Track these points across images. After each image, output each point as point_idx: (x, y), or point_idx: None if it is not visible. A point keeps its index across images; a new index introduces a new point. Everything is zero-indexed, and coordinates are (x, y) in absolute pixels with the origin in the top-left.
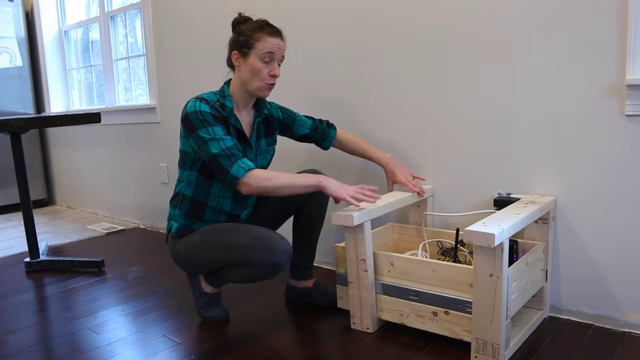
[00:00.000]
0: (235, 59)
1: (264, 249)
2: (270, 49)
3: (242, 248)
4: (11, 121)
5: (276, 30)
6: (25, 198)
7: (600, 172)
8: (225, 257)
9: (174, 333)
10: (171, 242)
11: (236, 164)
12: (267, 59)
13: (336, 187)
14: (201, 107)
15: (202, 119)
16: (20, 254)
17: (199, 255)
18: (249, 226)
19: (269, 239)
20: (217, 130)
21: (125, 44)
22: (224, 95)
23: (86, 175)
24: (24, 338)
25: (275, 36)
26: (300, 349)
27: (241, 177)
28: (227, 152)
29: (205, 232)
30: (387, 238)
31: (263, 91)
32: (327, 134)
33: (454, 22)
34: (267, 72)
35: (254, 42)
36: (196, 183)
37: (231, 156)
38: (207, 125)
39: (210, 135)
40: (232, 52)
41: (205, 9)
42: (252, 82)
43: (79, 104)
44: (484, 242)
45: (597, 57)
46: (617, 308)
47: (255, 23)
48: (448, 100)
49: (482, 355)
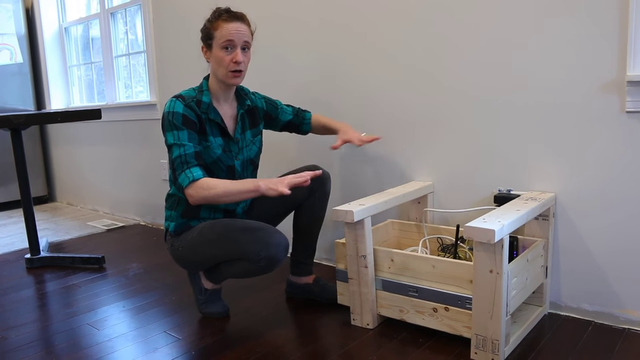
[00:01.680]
0: (203, 53)
1: (259, 243)
2: (229, 36)
3: (238, 242)
4: (11, 117)
5: (234, 16)
6: (26, 195)
7: (601, 169)
8: (222, 252)
9: (174, 329)
10: (170, 240)
11: (184, 172)
12: (228, 46)
13: (269, 188)
14: (174, 108)
15: (171, 122)
16: (20, 250)
17: (196, 252)
18: (245, 221)
19: (264, 232)
20: (181, 135)
21: (126, 41)
22: (201, 90)
23: (87, 172)
24: (24, 334)
25: (232, 21)
26: (301, 345)
27: (185, 186)
28: (183, 159)
29: (202, 228)
30: (387, 234)
31: (230, 79)
32: (304, 117)
33: (453, 19)
34: (229, 60)
35: (213, 32)
36: None
37: (185, 164)
38: (174, 129)
39: (174, 140)
40: (201, 47)
41: (205, 5)
42: (218, 71)
43: (79, 101)
44: (484, 239)
45: (598, 53)
46: (617, 304)
47: (213, 13)
48: (448, 97)
49: (482, 351)
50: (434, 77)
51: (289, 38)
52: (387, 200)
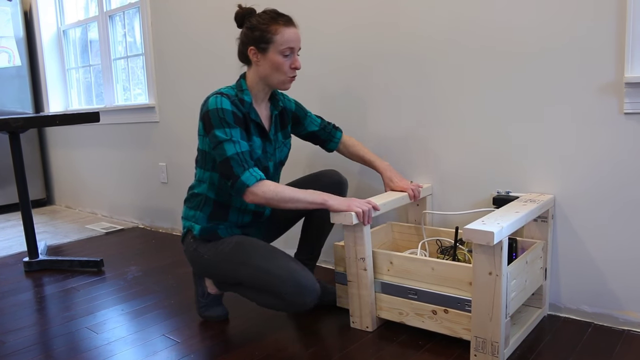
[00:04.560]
0: (252, 55)
1: (297, 288)
2: (291, 42)
3: (276, 279)
4: (10, 121)
5: (289, 20)
6: (24, 198)
7: (599, 170)
8: (253, 280)
9: (173, 332)
10: (192, 243)
11: (248, 171)
12: (288, 52)
13: (340, 205)
14: (222, 104)
15: (222, 118)
16: (19, 253)
17: (225, 268)
18: (284, 255)
19: (304, 277)
20: (234, 133)
21: (124, 44)
22: (241, 89)
23: (85, 175)
24: (23, 337)
25: (290, 26)
26: (300, 348)
27: (251, 185)
28: (241, 157)
29: (237, 246)
30: (386, 237)
31: (286, 84)
32: (333, 135)
33: (454, 23)
34: (288, 66)
35: (271, 35)
36: (219, 185)
37: (244, 162)
38: (226, 126)
39: (227, 137)
40: (249, 48)
41: (204, 8)
42: (273, 76)
43: (78, 104)
44: (483, 241)
45: (596, 55)
46: (617, 306)
47: (266, 15)
48: (447, 99)
49: (481, 354)
50: (433, 79)
51: None
52: (386, 203)
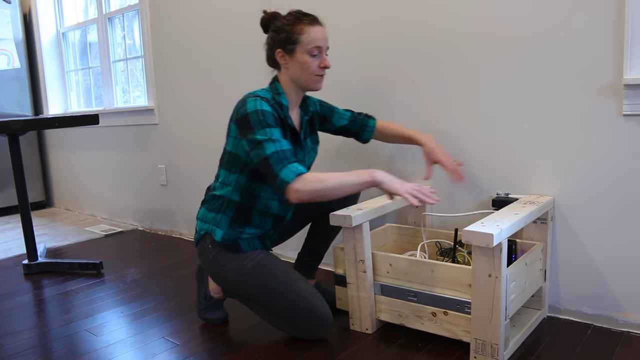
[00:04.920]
0: (280, 57)
1: (314, 321)
2: (317, 41)
3: (294, 309)
4: (9, 123)
5: (314, 18)
6: (24, 200)
7: (598, 172)
8: (271, 305)
9: (173, 335)
10: (211, 250)
11: (287, 167)
12: (316, 52)
13: (392, 182)
14: (262, 106)
15: (262, 120)
16: (18, 256)
17: (243, 285)
18: (305, 285)
19: (322, 311)
20: (274, 132)
21: (123, 46)
22: (278, 92)
23: (84, 177)
24: (22, 340)
25: (316, 25)
26: (300, 350)
27: (291, 181)
28: (280, 155)
29: (258, 266)
30: (385, 239)
31: (315, 84)
32: (366, 124)
33: (453, 23)
34: (317, 65)
35: (297, 36)
36: (245, 187)
37: (284, 159)
38: (266, 126)
39: (267, 137)
40: (276, 51)
41: (203, 10)
42: (303, 77)
43: (77, 106)
44: (483, 242)
45: (595, 56)
46: (616, 308)
47: (291, 16)
48: (446, 100)
49: (481, 356)
50: (432, 82)
51: None
52: (385, 205)
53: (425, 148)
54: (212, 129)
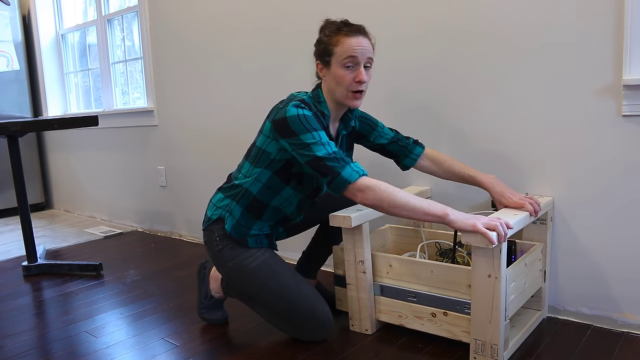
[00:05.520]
0: (319, 70)
1: (315, 325)
2: (351, 52)
3: (297, 312)
4: (8, 125)
5: (356, 29)
6: (23, 202)
7: (598, 173)
8: (272, 305)
9: (172, 336)
10: (217, 242)
11: (348, 166)
12: (350, 64)
13: (465, 220)
14: (305, 112)
15: (306, 124)
16: (18, 257)
17: (246, 283)
18: (307, 287)
19: (324, 314)
20: (322, 135)
21: (123, 47)
22: (319, 100)
23: (84, 178)
24: (21, 342)
25: (354, 36)
26: (299, 351)
27: (353, 181)
28: (335, 155)
29: (263, 265)
30: (385, 239)
31: (350, 100)
32: (411, 150)
33: (450, 25)
34: (351, 79)
35: (332, 47)
36: (266, 183)
37: (340, 159)
38: (312, 130)
39: (315, 139)
40: (316, 63)
41: (203, 12)
42: (337, 91)
43: (77, 108)
44: (482, 243)
45: (594, 57)
46: (616, 308)
47: (332, 26)
48: (445, 101)
49: (481, 356)
50: (431, 82)
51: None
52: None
53: (493, 194)
54: (211, 131)
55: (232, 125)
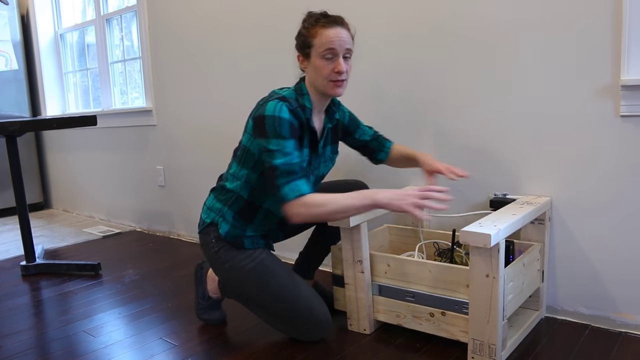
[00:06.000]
0: (300, 62)
1: (314, 325)
2: (329, 44)
3: (295, 313)
4: (7, 124)
5: (334, 21)
6: (21, 201)
7: (596, 173)
8: (270, 306)
9: (170, 335)
10: (214, 244)
11: (289, 184)
12: (329, 55)
13: (394, 201)
14: (281, 113)
15: (277, 129)
16: (16, 257)
17: (243, 284)
18: (305, 287)
19: (322, 314)
20: (287, 144)
21: (121, 47)
22: (302, 93)
23: (82, 178)
24: (20, 341)
25: (332, 27)
26: (297, 351)
27: (290, 200)
28: (288, 168)
29: (258, 266)
30: (383, 239)
31: (331, 89)
32: (384, 145)
33: (448, 25)
34: (330, 70)
35: (311, 39)
36: (255, 185)
37: (290, 174)
38: (279, 137)
39: (279, 147)
40: (297, 55)
41: (201, 11)
42: (318, 81)
43: (75, 107)
44: (480, 243)
45: (592, 57)
46: (614, 308)
47: (311, 18)
48: (443, 101)
49: (479, 356)
50: (430, 82)
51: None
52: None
53: (424, 163)
54: (210, 130)
55: (231, 125)
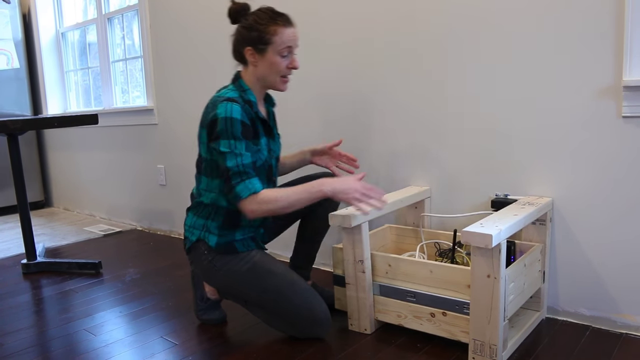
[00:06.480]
0: (250, 55)
1: (313, 321)
2: (289, 42)
3: (292, 310)
4: (8, 123)
5: (287, 19)
6: (22, 200)
7: (597, 174)
8: (269, 305)
9: (171, 334)
10: (206, 255)
11: (243, 182)
12: (286, 53)
13: (337, 193)
14: (233, 114)
15: (229, 130)
16: (17, 255)
17: (241, 287)
18: (302, 284)
19: (321, 311)
20: (239, 145)
21: (123, 46)
22: (243, 89)
23: (83, 177)
24: (21, 340)
25: (289, 26)
26: (298, 351)
27: (244, 197)
28: (240, 169)
29: (255, 266)
30: (384, 239)
31: (281, 85)
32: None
33: (452, 23)
34: (285, 66)
35: (270, 37)
36: None
37: (243, 174)
38: (231, 138)
39: (230, 149)
40: (246, 49)
41: (202, 10)
42: (271, 77)
43: (76, 106)
44: (482, 243)
45: (594, 58)
46: (615, 309)
47: (264, 14)
48: (445, 101)
49: (479, 356)
50: (431, 83)
51: None
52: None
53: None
54: None
55: None
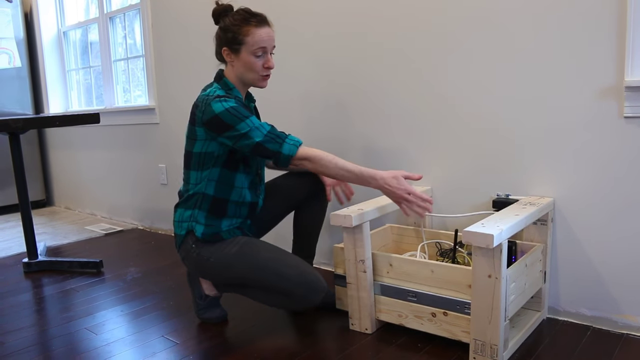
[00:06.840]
0: (226, 55)
1: (308, 287)
2: (262, 43)
3: (287, 279)
4: (10, 121)
5: (262, 20)
6: (24, 199)
7: (599, 174)
8: (262, 281)
9: (172, 333)
10: (194, 248)
11: (285, 143)
12: (260, 53)
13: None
14: (229, 103)
15: (237, 114)
16: (18, 254)
17: (233, 269)
18: (292, 256)
19: (313, 276)
20: (253, 120)
21: (124, 45)
22: (229, 87)
23: (85, 176)
24: (22, 338)
25: (262, 26)
26: (299, 350)
27: (295, 154)
28: (271, 135)
29: (244, 246)
30: (386, 239)
31: (260, 82)
32: None
33: (454, 24)
34: (261, 65)
35: (243, 37)
36: (219, 179)
37: (277, 137)
38: (244, 118)
39: (250, 126)
40: (222, 49)
41: (204, 10)
42: (247, 75)
43: (78, 105)
44: (483, 243)
45: (596, 59)
46: (616, 310)
47: (238, 15)
48: (447, 101)
49: (480, 356)
50: (433, 83)
51: (286, 35)
52: (386, 205)
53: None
54: None
55: None
